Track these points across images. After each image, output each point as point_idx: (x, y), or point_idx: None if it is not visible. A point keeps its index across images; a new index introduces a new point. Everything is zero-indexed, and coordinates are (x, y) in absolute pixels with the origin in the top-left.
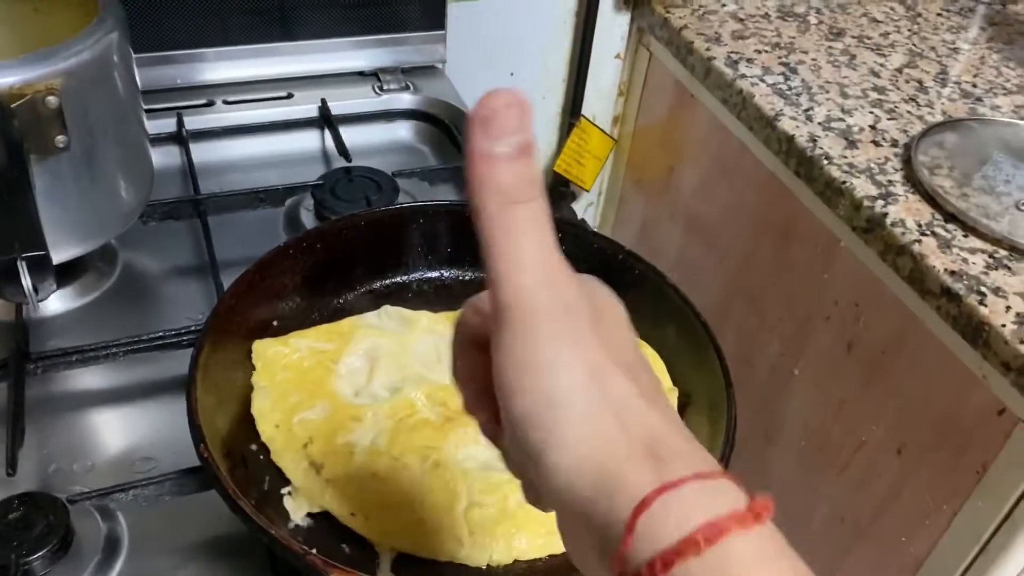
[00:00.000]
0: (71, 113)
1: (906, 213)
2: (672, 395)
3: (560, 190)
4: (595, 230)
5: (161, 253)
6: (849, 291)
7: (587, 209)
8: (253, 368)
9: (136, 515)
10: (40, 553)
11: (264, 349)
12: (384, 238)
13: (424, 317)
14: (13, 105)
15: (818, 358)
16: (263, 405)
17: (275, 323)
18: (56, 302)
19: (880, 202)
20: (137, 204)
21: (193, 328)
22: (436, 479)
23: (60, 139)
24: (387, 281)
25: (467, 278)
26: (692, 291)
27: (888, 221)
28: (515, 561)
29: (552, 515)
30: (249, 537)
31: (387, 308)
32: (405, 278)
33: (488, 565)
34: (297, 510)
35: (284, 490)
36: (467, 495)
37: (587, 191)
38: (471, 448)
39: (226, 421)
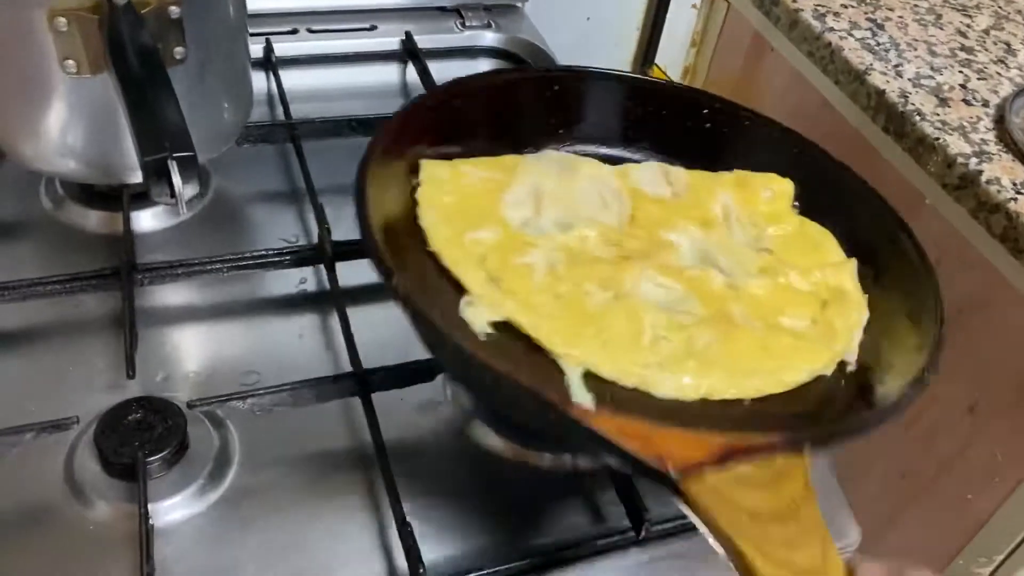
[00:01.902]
0: (190, 25)
1: (1001, 171)
2: (850, 264)
3: None
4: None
5: (251, 177)
6: (931, 249)
7: None
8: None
9: (245, 427)
10: (160, 455)
11: (432, 168)
12: (558, 100)
13: (586, 164)
14: (143, 11)
15: None
16: (432, 220)
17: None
18: (151, 220)
19: (974, 160)
20: (237, 125)
21: (296, 248)
22: (620, 308)
23: (179, 51)
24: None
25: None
26: None
27: (983, 179)
28: (703, 400)
29: (740, 359)
30: (360, 449)
31: (548, 152)
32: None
33: (676, 399)
34: (478, 320)
35: (464, 300)
36: (652, 328)
37: None
38: (649, 287)
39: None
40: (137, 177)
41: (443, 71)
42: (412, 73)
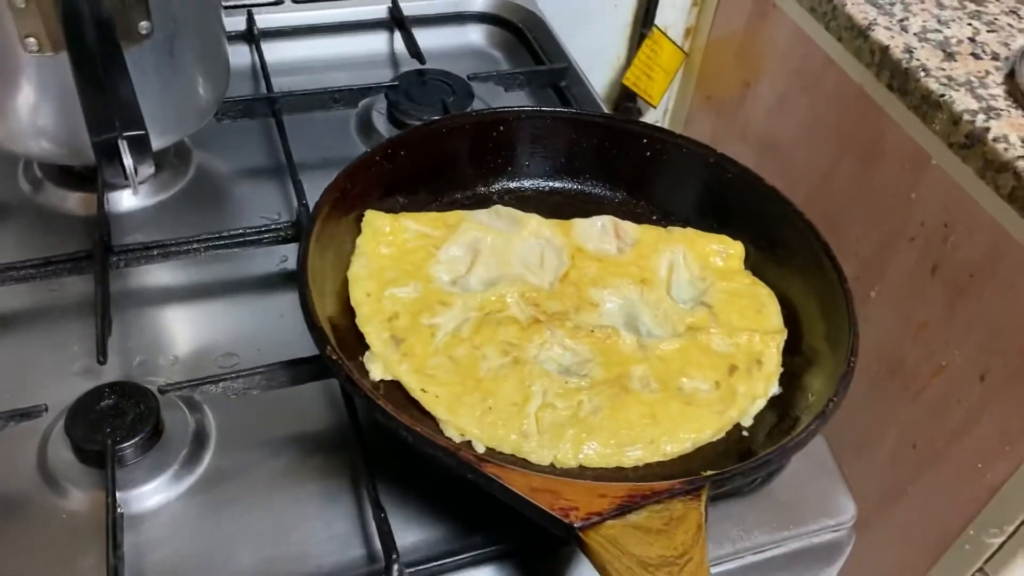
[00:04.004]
0: None
1: (1009, 128)
2: (780, 336)
3: (626, 105)
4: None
5: (233, 152)
6: (938, 211)
7: None
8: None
9: (222, 409)
10: (132, 441)
11: (374, 219)
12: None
13: (534, 220)
14: None
15: (899, 281)
16: (360, 272)
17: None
18: (131, 199)
19: (981, 116)
20: (214, 100)
21: (274, 227)
22: (512, 374)
23: (143, 25)
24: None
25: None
26: None
27: (990, 136)
28: (580, 467)
29: (623, 428)
30: (337, 432)
31: (499, 207)
32: (516, 184)
33: (552, 465)
34: (374, 371)
35: (366, 355)
36: (541, 395)
37: (654, 107)
38: (553, 351)
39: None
40: None
41: (432, 38)
42: (399, 42)
